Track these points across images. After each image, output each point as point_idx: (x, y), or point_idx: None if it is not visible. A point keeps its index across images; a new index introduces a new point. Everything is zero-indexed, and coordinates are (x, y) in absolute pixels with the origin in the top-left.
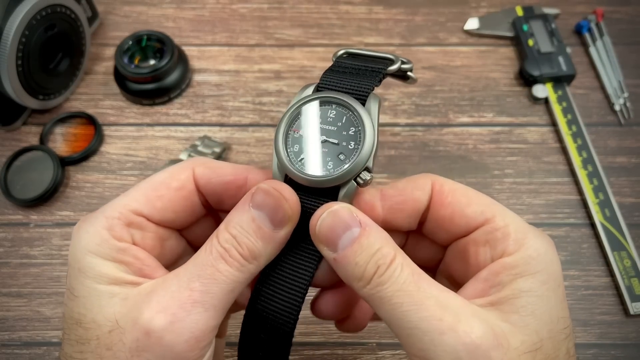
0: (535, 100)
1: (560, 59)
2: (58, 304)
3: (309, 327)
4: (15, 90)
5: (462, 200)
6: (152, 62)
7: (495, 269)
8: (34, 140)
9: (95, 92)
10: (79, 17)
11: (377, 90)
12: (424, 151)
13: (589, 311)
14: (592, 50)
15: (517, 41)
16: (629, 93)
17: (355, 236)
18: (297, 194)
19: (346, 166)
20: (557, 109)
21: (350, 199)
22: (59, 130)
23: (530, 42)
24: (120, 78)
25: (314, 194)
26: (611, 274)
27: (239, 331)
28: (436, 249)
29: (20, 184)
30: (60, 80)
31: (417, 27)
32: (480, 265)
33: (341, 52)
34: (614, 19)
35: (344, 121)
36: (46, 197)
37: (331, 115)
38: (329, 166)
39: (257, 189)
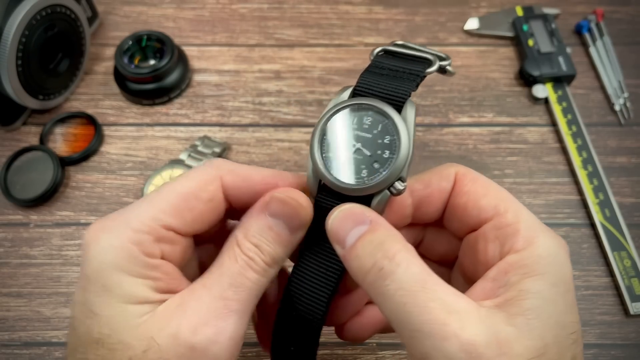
0: (535, 100)
1: (560, 59)
2: (58, 304)
3: None
4: (15, 90)
5: (479, 191)
6: (152, 62)
7: (503, 268)
8: (34, 141)
9: (95, 92)
10: (79, 17)
11: None
12: (424, 151)
13: (589, 311)
14: (592, 50)
15: (517, 41)
16: (629, 93)
17: (362, 232)
18: (329, 199)
19: (380, 175)
20: (557, 109)
21: (383, 208)
22: (59, 130)
23: (530, 42)
24: (120, 78)
25: (347, 201)
26: (611, 274)
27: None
28: (454, 242)
29: (20, 184)
30: (60, 80)
31: (417, 27)
32: (489, 262)
33: (378, 50)
34: (614, 19)
35: (379, 129)
36: (46, 197)
37: (367, 122)
38: (363, 174)
39: (272, 199)
